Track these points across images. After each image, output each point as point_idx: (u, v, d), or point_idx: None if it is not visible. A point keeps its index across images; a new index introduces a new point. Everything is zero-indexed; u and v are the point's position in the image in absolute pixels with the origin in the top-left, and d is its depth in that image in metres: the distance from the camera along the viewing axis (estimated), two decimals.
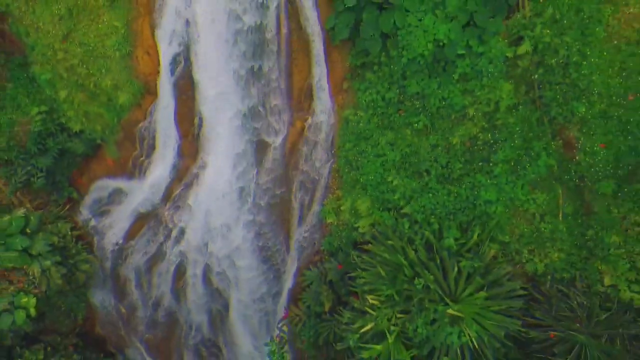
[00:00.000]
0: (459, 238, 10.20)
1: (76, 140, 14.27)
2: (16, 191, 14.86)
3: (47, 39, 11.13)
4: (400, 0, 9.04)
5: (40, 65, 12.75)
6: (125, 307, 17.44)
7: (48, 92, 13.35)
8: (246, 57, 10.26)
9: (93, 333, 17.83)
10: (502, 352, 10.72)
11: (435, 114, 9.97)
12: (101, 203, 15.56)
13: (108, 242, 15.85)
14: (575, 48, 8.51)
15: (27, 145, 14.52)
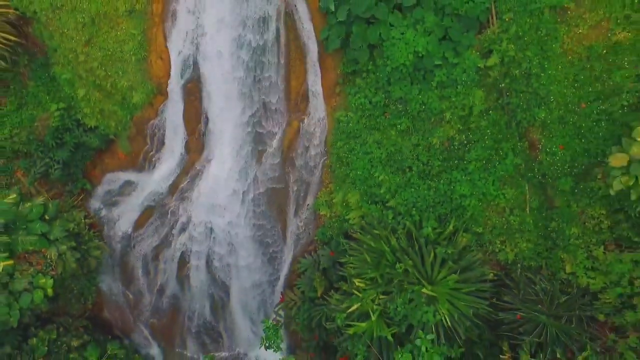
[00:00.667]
0: (437, 228, 11.65)
1: (91, 135, 15.72)
2: (34, 181, 16.34)
3: (71, 43, 12.63)
4: (385, 16, 10.49)
5: (61, 66, 14.26)
6: (131, 293, 18.91)
7: (67, 90, 14.83)
8: (249, 63, 11.74)
9: (101, 317, 19.30)
10: (476, 333, 12.18)
11: (416, 116, 11.42)
12: (112, 194, 17.03)
13: (117, 231, 17.33)
14: (535, 61, 9.95)
15: (45, 139, 15.96)
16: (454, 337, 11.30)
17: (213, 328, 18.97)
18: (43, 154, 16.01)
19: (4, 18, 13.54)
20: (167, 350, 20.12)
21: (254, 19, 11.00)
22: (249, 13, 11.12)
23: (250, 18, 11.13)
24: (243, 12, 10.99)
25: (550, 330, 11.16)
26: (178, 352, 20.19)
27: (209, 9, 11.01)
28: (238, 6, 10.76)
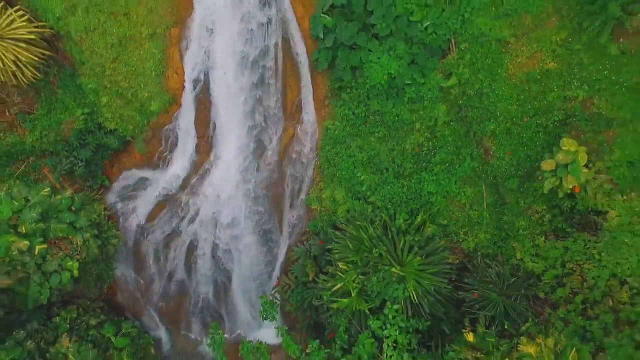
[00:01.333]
0: (407, 220, 14.20)
1: (110, 136, 18.29)
2: (60, 177, 18.95)
3: (100, 60, 15.20)
4: (365, 43, 13.05)
5: (88, 77, 16.82)
6: (142, 279, 21.48)
7: (91, 97, 17.39)
8: (252, 79, 14.31)
9: (114, 300, 21.85)
10: (442, 311, 14.69)
11: (391, 126, 13.97)
12: (127, 189, 19.60)
13: (131, 223, 19.90)
14: (486, 83, 12.48)
15: (70, 140, 18.56)
16: (421, 312, 13.83)
17: (215, 311, 21.47)
18: (68, 153, 18.59)
19: (41, 36, 16.11)
20: (173, 333, 22.62)
21: (257, 42, 13.56)
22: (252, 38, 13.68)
23: (254, 41, 13.69)
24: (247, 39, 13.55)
25: (500, 306, 13.69)
26: (183, 334, 22.71)
27: (218, 33, 13.57)
28: (242, 36, 13.32)
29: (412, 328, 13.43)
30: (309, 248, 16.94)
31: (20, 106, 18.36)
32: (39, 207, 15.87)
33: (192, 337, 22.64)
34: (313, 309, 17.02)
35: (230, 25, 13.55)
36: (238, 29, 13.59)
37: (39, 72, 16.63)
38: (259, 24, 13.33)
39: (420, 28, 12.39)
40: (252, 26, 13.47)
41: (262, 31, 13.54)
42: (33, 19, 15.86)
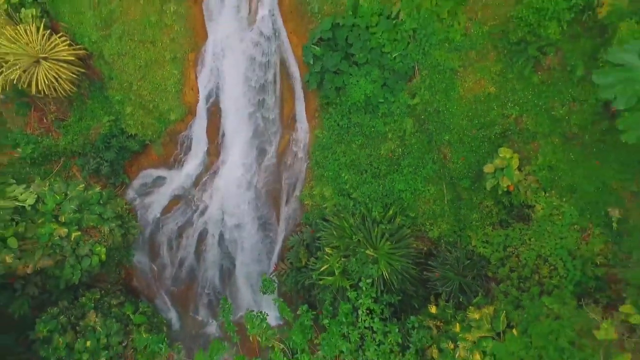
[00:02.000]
0: (382, 212, 17.83)
1: (132, 140, 21.91)
2: (88, 176, 22.60)
3: (129, 78, 18.86)
4: (346, 69, 16.68)
5: (115, 90, 20.47)
6: (156, 266, 25.13)
7: (117, 107, 21.02)
8: (254, 96, 17.97)
9: (131, 285, 25.48)
10: (412, 289, 18.27)
11: (368, 135, 17.59)
12: (145, 187, 23.25)
13: (148, 215, 23.53)
14: (442, 102, 16.10)
15: (96, 143, 22.22)
16: (392, 289, 17.42)
17: (221, 295, 25.09)
18: (95, 155, 22.28)
19: (77, 56, 19.80)
20: (183, 315, 26.25)
21: (259, 66, 17.22)
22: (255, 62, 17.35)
23: (257, 65, 17.35)
24: (251, 63, 17.22)
25: (457, 284, 17.30)
26: (191, 316, 26.34)
27: (228, 61, 17.23)
28: (248, 62, 16.99)
29: (385, 302, 17.03)
30: (302, 237, 20.53)
31: (56, 114, 22.09)
32: (76, 200, 19.55)
33: (199, 319, 26.25)
34: (305, 290, 20.64)
35: (237, 52, 17.20)
36: (244, 55, 17.23)
37: (74, 85, 20.29)
38: (262, 52, 16.97)
39: (391, 58, 16.01)
40: (255, 53, 17.12)
41: (263, 57, 17.18)
42: (72, 42, 19.55)
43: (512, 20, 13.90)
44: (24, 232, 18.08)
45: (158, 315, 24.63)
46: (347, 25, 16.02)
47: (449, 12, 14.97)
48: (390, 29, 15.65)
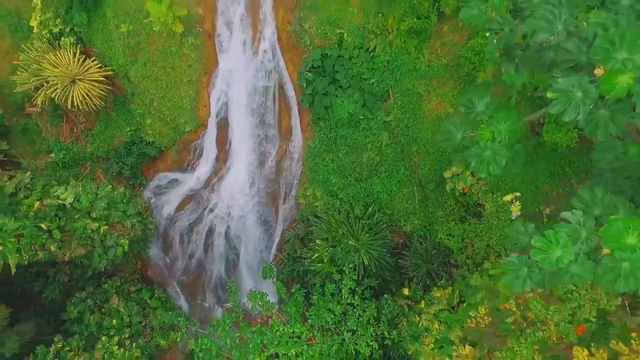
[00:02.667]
0: (363, 210, 22.12)
1: (150, 147, 26.19)
2: (111, 178, 26.90)
3: (150, 96, 23.15)
4: (333, 91, 20.97)
5: (137, 105, 24.73)
6: (168, 258, 29.42)
7: (138, 119, 25.29)
8: (257, 113, 22.28)
9: (146, 275, 29.75)
10: (389, 274, 22.54)
11: (352, 146, 21.88)
12: (160, 188, 27.55)
13: (163, 213, 27.83)
14: (411, 120, 20.38)
15: (119, 149, 26.52)
16: (371, 274, 21.70)
17: (225, 283, 29.34)
18: (117, 159, 26.56)
19: (106, 76, 24.08)
20: (192, 302, 30.50)
21: (261, 88, 21.54)
22: (258, 84, 21.69)
23: (259, 88, 21.68)
24: (255, 85, 21.55)
25: (424, 270, 21.58)
26: (199, 304, 30.58)
27: (237, 83, 21.56)
28: (252, 84, 21.32)
29: (366, 285, 21.31)
30: (297, 232, 24.81)
31: (84, 125, 26.39)
32: (105, 199, 23.84)
33: (206, 306, 30.47)
34: (300, 276, 24.88)
35: (242, 76, 21.53)
36: (248, 79, 21.55)
37: (102, 101, 24.56)
38: (263, 77, 21.30)
39: (369, 83, 20.32)
40: (258, 77, 21.45)
41: (265, 81, 21.51)
42: (102, 65, 23.85)
43: (462, 57, 18.19)
44: (64, 226, 22.36)
45: (170, 301, 28.89)
46: (333, 56, 20.32)
47: (415, 47, 19.26)
48: (368, 60, 19.97)
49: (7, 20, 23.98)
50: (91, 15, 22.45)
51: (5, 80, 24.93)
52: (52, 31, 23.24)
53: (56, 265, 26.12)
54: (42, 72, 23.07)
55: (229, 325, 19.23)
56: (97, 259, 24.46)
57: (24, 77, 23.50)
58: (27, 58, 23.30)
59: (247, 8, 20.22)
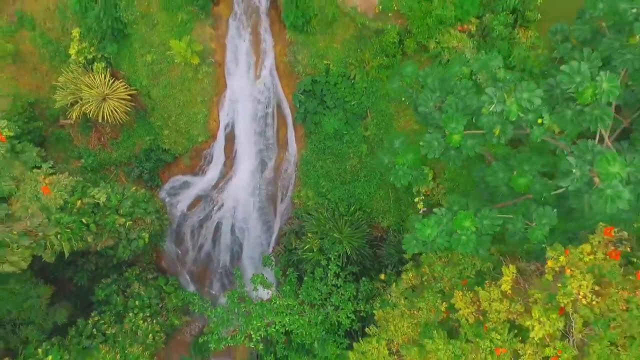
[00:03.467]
0: (346, 208, 27.87)
1: (166, 154, 32.02)
2: (132, 180, 32.71)
3: (169, 112, 28.93)
4: (322, 111, 26.73)
5: (156, 118, 30.54)
6: (180, 250, 35.25)
7: (156, 130, 31.11)
8: (259, 127, 28.09)
9: (160, 265, 35.56)
10: (369, 263, 28.29)
11: (338, 155, 27.66)
12: (174, 189, 33.40)
13: (176, 211, 33.66)
14: (384, 134, 26.11)
15: (139, 155, 32.37)
16: (353, 262, 27.45)
17: (230, 273, 35.19)
18: (138, 164, 32.39)
19: (131, 94, 29.85)
20: (200, 289, 36.30)
21: (263, 109, 27.34)
22: (260, 104, 27.49)
23: (260, 107, 27.48)
24: (257, 104, 27.36)
25: (397, 258, 27.26)
26: (207, 291, 36.38)
27: (242, 103, 27.35)
28: (254, 103, 27.11)
29: (349, 271, 27.07)
30: (293, 227, 30.59)
31: (110, 134, 32.19)
32: (131, 199, 29.63)
33: (213, 293, 36.24)
34: (295, 265, 30.65)
35: (246, 97, 27.33)
36: (251, 100, 27.34)
37: (126, 115, 30.34)
38: (264, 98, 27.09)
39: (351, 104, 26.07)
40: (259, 98, 27.23)
41: (265, 101, 27.29)
42: (127, 85, 29.62)
43: None
44: (98, 221, 28.13)
45: (182, 288, 34.70)
46: (322, 82, 26.06)
47: (386, 77, 24.99)
48: (350, 86, 25.73)
49: (48, 48, 29.74)
50: (120, 45, 28.21)
51: (45, 97, 30.77)
52: (86, 57, 29.01)
53: (85, 255, 31.86)
54: (79, 92, 28.84)
55: (237, 298, 24.94)
56: (122, 250, 30.18)
57: (62, 95, 29.25)
58: (65, 79, 29.05)
59: (251, 43, 26.01)
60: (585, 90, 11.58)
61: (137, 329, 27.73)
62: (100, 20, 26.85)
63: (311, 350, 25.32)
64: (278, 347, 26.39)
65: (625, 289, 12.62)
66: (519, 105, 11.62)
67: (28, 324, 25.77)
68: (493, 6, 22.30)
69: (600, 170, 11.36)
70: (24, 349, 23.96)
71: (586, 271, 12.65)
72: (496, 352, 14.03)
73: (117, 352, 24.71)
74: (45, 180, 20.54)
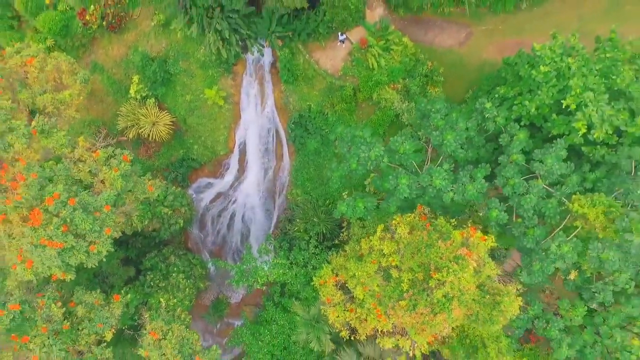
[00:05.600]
0: (324, 202, 45.72)
1: (194, 162, 50.21)
2: (169, 181, 50.82)
3: (200, 133, 46.85)
4: (306, 136, 44.62)
5: (189, 137, 48.57)
6: (202, 234, 53.42)
7: (188, 145, 49.24)
8: (263, 145, 46.06)
9: (187, 246, 53.77)
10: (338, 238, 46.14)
11: (317, 166, 45.52)
12: (200, 188, 51.50)
13: (201, 204, 51.82)
14: None
15: (174, 163, 50.54)
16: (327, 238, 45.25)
17: (240, 251, 53.27)
18: (173, 170, 50.60)
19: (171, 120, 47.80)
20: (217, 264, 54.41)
21: (266, 133, 45.32)
22: (264, 130, 45.49)
23: (264, 132, 45.46)
24: (262, 130, 45.37)
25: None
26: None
27: (251, 129, 45.30)
28: (260, 129, 45.08)
29: (325, 245, 45.04)
30: (287, 216, 48.64)
31: (154, 148, 50.33)
32: (172, 195, 47.56)
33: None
34: (288, 243, 48.70)
35: (255, 125, 45.31)
36: (258, 126, 45.31)
37: (167, 135, 48.34)
38: (267, 125, 45.07)
39: (325, 132, 43.94)
40: (264, 126, 45.24)
41: (267, 128, 45.26)
42: (169, 113, 47.65)
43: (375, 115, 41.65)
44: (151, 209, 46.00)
45: (203, 262, 52.84)
46: (305, 116, 43.89)
47: (348, 114, 42.72)
48: (324, 120, 43.53)
49: (113, 87, 47.79)
50: (166, 88, 46.17)
51: (107, 121, 48.77)
52: (141, 95, 46.99)
53: (134, 236, 49.89)
54: (136, 119, 46.88)
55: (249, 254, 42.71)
56: (164, 232, 48.31)
57: (124, 121, 47.30)
58: (126, 110, 47.12)
59: (258, 90, 43.91)
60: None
61: (179, 284, 45.68)
62: (155, 72, 44.79)
63: (298, 297, 43.18)
64: (275, 296, 44.37)
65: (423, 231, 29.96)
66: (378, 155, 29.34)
67: (113, 275, 43.77)
68: (412, 73, 40.06)
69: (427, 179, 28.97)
70: (111, 291, 41.90)
71: (407, 224, 29.99)
72: (372, 262, 31.28)
73: (169, 295, 42.61)
74: (149, 182, 38.09)
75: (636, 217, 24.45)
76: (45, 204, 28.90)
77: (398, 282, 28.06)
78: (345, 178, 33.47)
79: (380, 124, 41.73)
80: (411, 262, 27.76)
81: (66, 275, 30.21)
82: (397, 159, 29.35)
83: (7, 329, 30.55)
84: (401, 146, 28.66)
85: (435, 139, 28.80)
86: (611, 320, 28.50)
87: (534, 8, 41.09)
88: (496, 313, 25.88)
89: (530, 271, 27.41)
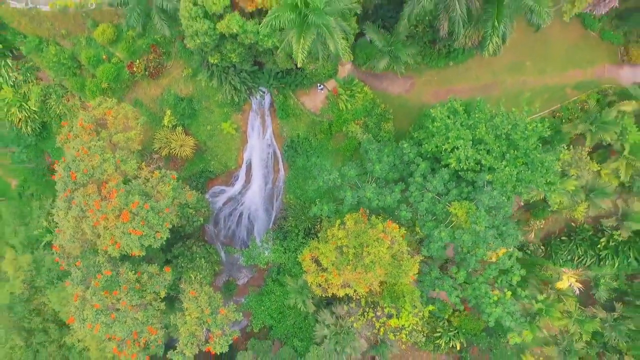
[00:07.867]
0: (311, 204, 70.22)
1: (210, 173, 75.30)
2: (191, 188, 75.58)
3: (217, 152, 71.47)
4: (297, 156, 69.21)
5: (208, 154, 73.25)
6: (216, 229, 78.37)
7: (207, 161, 74.15)
8: (264, 162, 70.73)
9: (203, 238, 78.75)
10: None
11: (305, 177, 70.21)
12: (215, 194, 76.40)
13: (215, 206, 76.72)
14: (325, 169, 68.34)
15: (195, 174, 75.50)
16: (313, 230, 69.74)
17: (245, 243, 78.16)
18: (194, 179, 75.58)
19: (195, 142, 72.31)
20: (227, 254, 79.25)
21: (266, 153, 69.99)
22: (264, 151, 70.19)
23: (265, 152, 70.15)
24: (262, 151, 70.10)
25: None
26: (231, 255, 79.43)
27: (255, 150, 69.93)
28: (262, 151, 69.74)
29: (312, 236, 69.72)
30: (283, 214, 73.44)
31: (180, 163, 75.27)
32: (195, 198, 71.99)
33: (235, 256, 79.38)
34: (283, 235, 73.44)
35: (258, 147, 70.03)
36: (260, 149, 69.96)
37: (191, 154, 73.03)
38: (267, 148, 69.72)
39: (309, 153, 68.53)
40: (264, 148, 69.92)
41: (267, 150, 69.91)
42: (193, 137, 72.33)
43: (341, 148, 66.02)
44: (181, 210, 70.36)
45: (217, 251, 77.67)
46: (295, 142, 68.53)
47: (328, 140, 67.09)
48: (309, 145, 68.02)
49: (150, 117, 72.54)
50: (192, 119, 70.80)
51: (147, 143, 73.35)
52: (172, 124, 71.61)
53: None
54: (168, 142, 71.58)
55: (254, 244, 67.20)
56: (188, 227, 73.23)
57: (159, 143, 72.07)
58: (160, 135, 71.87)
59: (260, 123, 68.52)
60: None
61: (202, 266, 70.26)
62: (184, 108, 69.37)
63: (290, 274, 67.61)
64: (273, 274, 69.07)
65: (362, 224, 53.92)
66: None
67: (155, 258, 68.51)
68: (370, 113, 64.45)
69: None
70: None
71: (353, 219, 54.08)
72: (332, 243, 55.38)
73: (196, 273, 67.19)
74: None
75: (481, 215, 48.94)
76: (131, 207, 53.41)
77: (346, 254, 52.62)
78: (316, 191, 57.98)
79: (348, 149, 66.29)
80: (354, 242, 52.32)
81: (140, 252, 54.76)
82: (347, 180, 53.98)
83: (102, 287, 55.21)
84: (348, 172, 53.26)
85: (369, 168, 53.38)
86: (479, 279, 53.24)
87: (459, 65, 65.49)
88: (400, 271, 50.28)
89: (428, 248, 51.94)
